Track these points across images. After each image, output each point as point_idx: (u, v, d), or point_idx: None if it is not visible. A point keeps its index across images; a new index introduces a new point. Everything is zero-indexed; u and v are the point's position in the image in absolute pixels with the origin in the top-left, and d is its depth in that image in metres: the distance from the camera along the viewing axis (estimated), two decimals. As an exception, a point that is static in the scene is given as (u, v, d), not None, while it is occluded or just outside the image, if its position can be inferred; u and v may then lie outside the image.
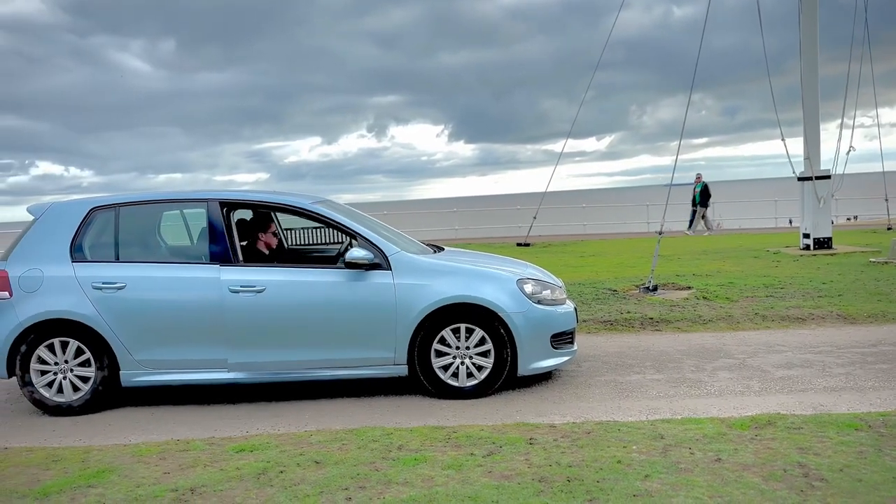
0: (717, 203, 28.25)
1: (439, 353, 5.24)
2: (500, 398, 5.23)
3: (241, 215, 6.25)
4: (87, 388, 5.27)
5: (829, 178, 13.74)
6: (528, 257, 9.72)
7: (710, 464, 3.62)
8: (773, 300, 8.40)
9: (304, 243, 7.07)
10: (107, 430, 4.91)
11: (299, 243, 7.03)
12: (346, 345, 5.21)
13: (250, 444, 4.30)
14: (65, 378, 5.26)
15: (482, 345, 5.24)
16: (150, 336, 5.24)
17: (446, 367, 5.26)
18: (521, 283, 5.38)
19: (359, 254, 5.20)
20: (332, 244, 7.00)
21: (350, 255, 5.20)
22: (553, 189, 18.56)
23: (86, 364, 5.26)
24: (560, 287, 5.78)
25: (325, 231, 7.00)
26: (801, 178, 13.91)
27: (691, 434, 4.09)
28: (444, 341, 5.23)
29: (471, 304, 5.20)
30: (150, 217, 5.80)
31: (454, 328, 5.23)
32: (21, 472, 3.98)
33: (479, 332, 5.22)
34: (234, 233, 5.46)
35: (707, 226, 21.02)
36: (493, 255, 6.70)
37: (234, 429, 4.80)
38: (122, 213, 5.53)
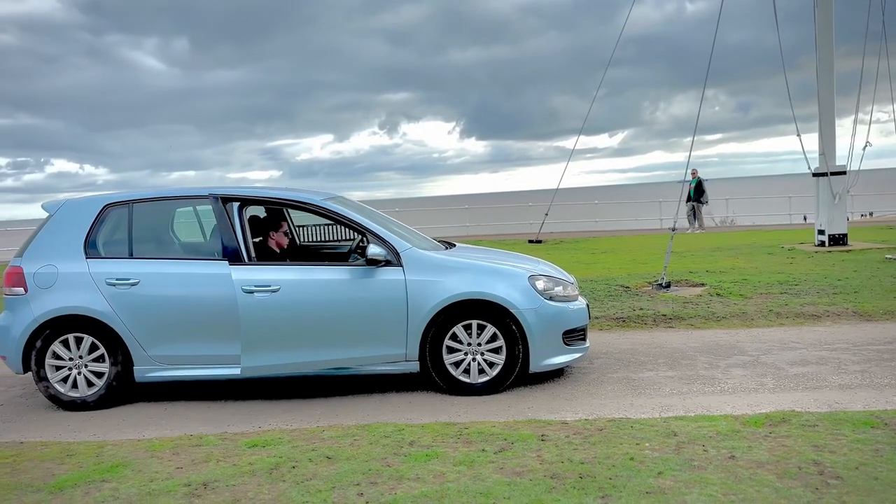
0: (732, 199, 28.07)
1: (451, 350, 5.24)
2: (511, 395, 5.22)
3: (254, 212, 6.26)
4: (101, 384, 5.31)
5: (844, 173, 13.61)
6: (540, 254, 9.70)
7: (723, 461, 3.59)
8: (787, 297, 8.33)
9: (314, 240, 7.06)
10: (121, 425, 4.95)
11: (309, 240, 7.03)
12: (358, 342, 5.19)
13: (263, 439, 4.31)
14: (79, 373, 5.30)
15: (494, 341, 5.23)
16: (164, 332, 5.26)
17: (458, 364, 5.25)
18: (532, 279, 5.37)
19: (378, 250, 5.19)
20: (341, 241, 7.00)
21: (371, 252, 5.17)
22: (565, 185, 18.51)
23: (100, 359, 5.30)
24: (572, 283, 5.76)
25: (335, 228, 6.98)
26: (816, 174, 13.79)
27: (705, 431, 4.06)
28: (455, 338, 5.23)
29: (482, 300, 5.19)
30: (162, 213, 5.84)
31: (466, 325, 5.22)
32: (36, 467, 4.02)
33: (490, 328, 5.21)
34: (246, 229, 5.46)
35: (693, 223, 20.81)
36: (504, 252, 6.68)
37: (247, 424, 4.82)
38: (136, 210, 5.56)
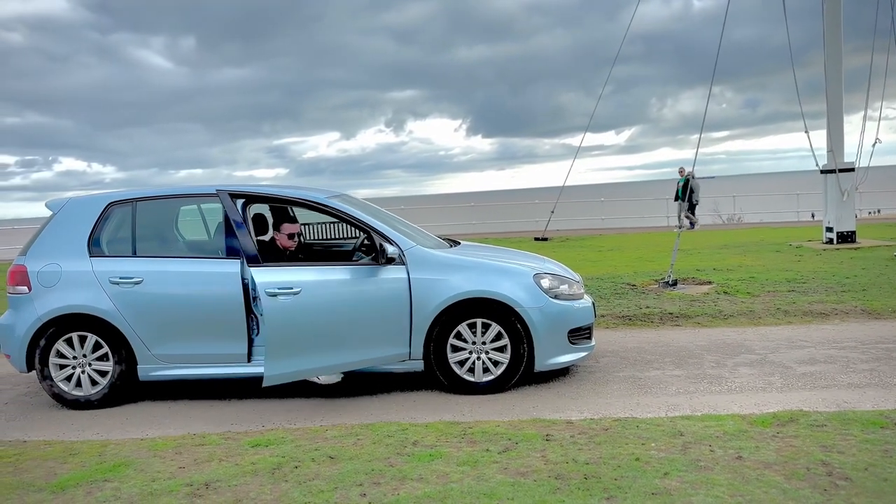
0: (739, 197, 27.96)
1: (455, 349, 5.20)
2: (516, 394, 5.18)
3: (259, 210, 6.21)
4: (104, 382, 5.30)
5: (853, 170, 13.50)
6: (546, 252, 9.65)
7: (730, 462, 3.55)
8: (795, 295, 8.27)
9: (316, 238, 7.01)
10: (124, 424, 4.93)
11: (311, 238, 6.98)
12: (369, 342, 5.11)
13: (266, 438, 4.29)
14: (83, 372, 5.29)
15: (498, 340, 5.19)
16: (167, 330, 5.24)
17: (462, 363, 5.21)
18: (538, 277, 5.33)
19: (394, 249, 5.14)
20: (343, 238, 6.95)
21: (391, 252, 5.11)
22: (571, 183, 18.46)
23: (104, 358, 5.29)
24: (578, 282, 5.72)
25: (338, 226, 6.93)
26: (824, 171, 13.69)
27: (711, 431, 4.01)
28: (460, 336, 5.19)
29: (487, 298, 5.15)
30: (166, 212, 5.81)
31: (470, 323, 5.18)
32: (39, 466, 4.00)
33: (495, 327, 5.17)
34: (250, 227, 5.42)
35: (680, 222, 20.75)
36: (509, 250, 6.64)
37: (250, 423, 4.80)
38: (139, 208, 5.54)
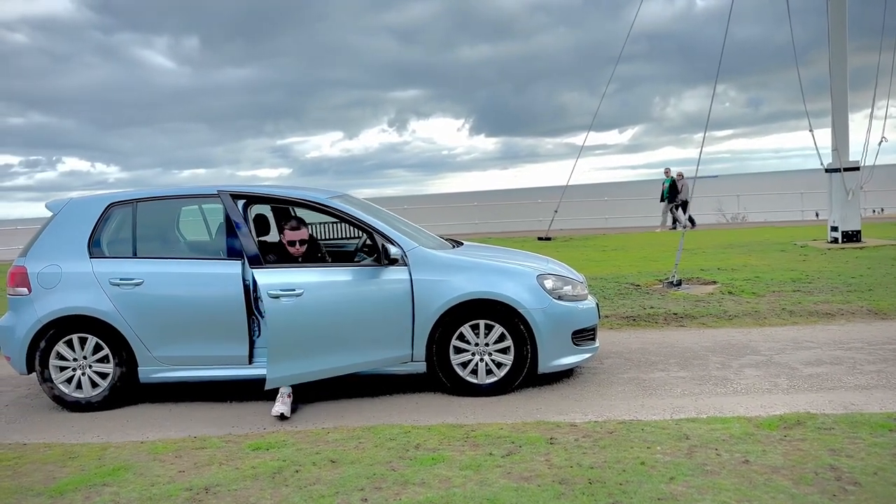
0: (743, 196, 27.85)
1: (458, 350, 5.15)
2: (519, 396, 5.13)
3: (260, 211, 6.16)
4: (105, 385, 5.26)
5: (857, 169, 13.42)
6: (549, 252, 9.60)
7: (737, 466, 3.50)
8: (800, 295, 8.20)
9: (319, 239, 6.95)
10: (125, 427, 4.90)
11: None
12: (371, 344, 5.06)
13: (266, 441, 4.25)
14: (83, 374, 5.26)
15: (502, 341, 5.14)
16: (168, 332, 5.20)
17: (465, 364, 5.17)
18: (541, 278, 5.28)
19: (397, 250, 5.09)
20: (346, 239, 6.90)
21: (394, 252, 5.07)
22: (575, 182, 18.39)
23: (104, 360, 5.25)
24: (581, 282, 5.67)
25: (339, 226, 6.88)
26: (829, 170, 13.61)
27: (717, 434, 3.96)
28: (462, 338, 5.14)
29: (490, 300, 5.10)
30: (167, 212, 5.78)
31: (473, 324, 5.13)
32: (37, 469, 3.97)
33: (498, 328, 5.12)
34: (251, 228, 5.38)
35: (664, 221, 20.73)
36: (512, 250, 6.59)
37: (251, 425, 4.76)
38: (140, 209, 5.50)
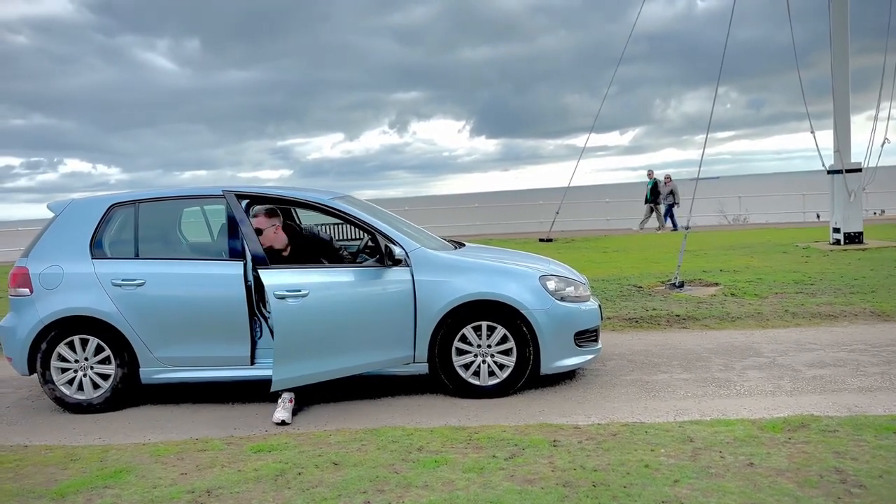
0: (744, 197, 27.81)
1: (460, 352, 5.14)
2: (522, 397, 5.12)
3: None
4: (107, 386, 5.25)
5: (860, 171, 13.39)
6: (551, 253, 9.59)
7: (741, 468, 3.48)
8: (803, 296, 8.18)
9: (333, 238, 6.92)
10: (126, 429, 4.88)
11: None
12: (374, 345, 5.02)
13: (269, 443, 4.24)
14: (85, 376, 5.24)
15: (504, 343, 5.12)
16: (170, 333, 5.19)
17: (467, 366, 5.15)
18: (543, 279, 5.26)
19: (400, 250, 5.08)
20: (347, 240, 6.88)
21: (397, 253, 5.05)
22: (576, 184, 18.38)
23: (106, 361, 5.24)
24: (584, 283, 5.65)
25: (339, 227, 6.86)
26: (831, 172, 13.58)
27: (721, 437, 3.94)
28: (465, 339, 5.13)
29: (492, 301, 5.09)
30: (169, 213, 5.78)
31: (475, 326, 5.12)
32: (39, 472, 3.95)
33: (500, 329, 5.10)
34: (252, 229, 5.36)
35: (661, 223, 20.69)
36: (514, 252, 6.58)
37: (254, 427, 4.75)
38: (142, 210, 5.49)
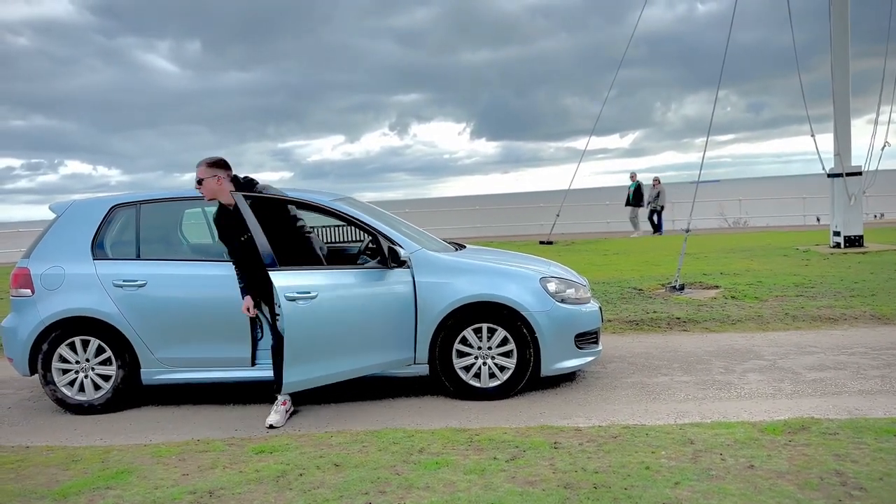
0: (745, 201, 27.83)
1: (461, 354, 5.15)
2: (523, 399, 5.13)
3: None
4: (108, 387, 5.26)
5: (860, 174, 13.40)
6: (552, 255, 9.59)
7: (742, 471, 3.48)
8: (803, 300, 8.19)
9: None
10: (128, 430, 4.89)
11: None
12: (376, 347, 5.01)
13: (270, 445, 4.24)
14: (86, 377, 5.25)
15: (504, 345, 5.13)
16: (171, 334, 5.21)
17: (468, 368, 5.16)
18: (544, 281, 5.27)
19: (404, 252, 5.10)
20: (346, 242, 6.89)
21: (403, 255, 5.07)
22: (576, 186, 18.39)
23: (107, 362, 5.25)
24: (584, 286, 5.66)
25: (341, 229, 6.87)
26: (831, 175, 13.59)
27: (722, 439, 3.95)
28: (465, 341, 5.14)
29: (493, 302, 5.10)
30: (171, 214, 5.79)
31: (476, 328, 5.13)
32: (40, 472, 3.96)
33: (501, 331, 5.11)
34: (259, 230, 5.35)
35: (636, 226, 20.82)
36: (515, 253, 6.59)
37: (255, 429, 4.75)
38: (144, 211, 5.51)
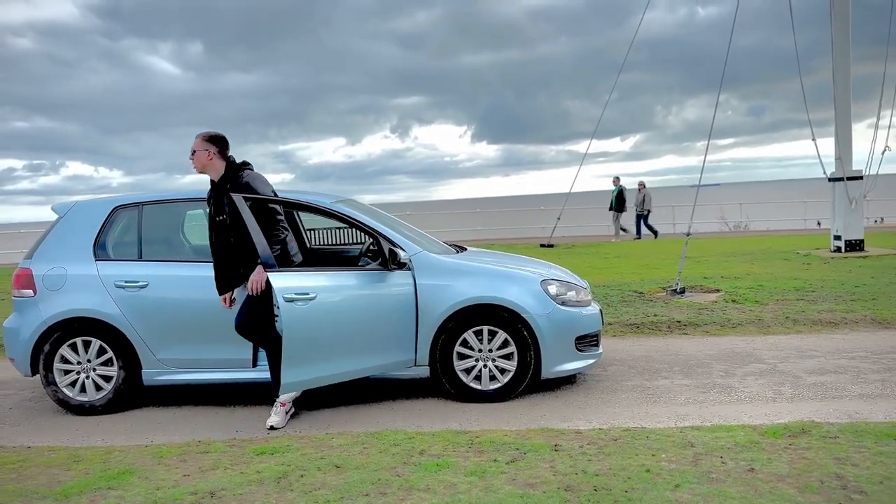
0: (745, 204, 27.84)
1: (462, 356, 5.15)
2: (523, 402, 5.13)
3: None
4: (109, 388, 5.26)
5: (861, 178, 13.41)
6: (552, 258, 9.60)
7: (742, 474, 3.49)
8: (804, 303, 8.19)
9: (322, 244, 6.93)
10: (129, 431, 4.90)
11: (316, 244, 6.90)
12: (377, 349, 5.01)
13: (271, 446, 4.25)
14: (87, 377, 5.26)
15: (505, 347, 5.14)
16: (173, 335, 5.21)
17: (469, 370, 5.17)
18: (545, 283, 5.28)
19: (405, 254, 5.10)
20: (347, 244, 6.90)
21: (400, 257, 5.06)
22: (577, 189, 18.40)
23: (108, 363, 5.26)
24: (585, 288, 5.67)
25: (342, 231, 6.87)
26: (832, 179, 13.60)
27: (722, 442, 3.96)
28: (466, 343, 5.14)
29: (494, 305, 5.10)
30: (173, 216, 5.81)
31: (476, 330, 5.13)
32: (42, 473, 3.97)
33: (501, 334, 5.12)
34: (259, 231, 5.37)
35: (616, 231, 20.88)
36: (516, 256, 6.59)
37: (256, 430, 4.76)
38: (146, 212, 5.53)
